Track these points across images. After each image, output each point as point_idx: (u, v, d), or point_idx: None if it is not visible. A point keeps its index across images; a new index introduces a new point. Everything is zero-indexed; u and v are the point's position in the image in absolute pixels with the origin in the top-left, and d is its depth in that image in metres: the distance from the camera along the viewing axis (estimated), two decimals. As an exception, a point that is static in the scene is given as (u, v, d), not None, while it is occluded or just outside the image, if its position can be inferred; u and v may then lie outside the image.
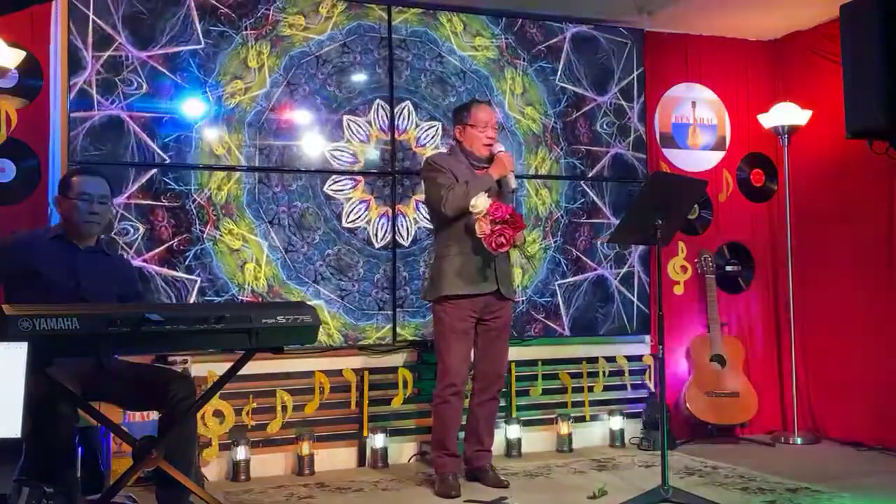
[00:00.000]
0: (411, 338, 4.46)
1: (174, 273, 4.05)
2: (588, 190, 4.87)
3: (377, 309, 4.40)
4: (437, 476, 3.83)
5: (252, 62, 4.24)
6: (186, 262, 4.07)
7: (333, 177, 4.37)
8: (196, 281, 4.08)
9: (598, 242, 4.86)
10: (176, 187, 4.08)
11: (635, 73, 5.00)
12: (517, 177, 4.11)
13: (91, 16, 3.96)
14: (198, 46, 4.14)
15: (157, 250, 4.03)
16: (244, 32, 4.24)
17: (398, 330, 4.44)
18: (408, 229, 4.50)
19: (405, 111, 4.53)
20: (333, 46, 4.41)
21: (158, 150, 4.07)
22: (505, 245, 3.65)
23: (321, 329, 4.19)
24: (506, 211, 3.65)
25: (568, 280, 4.78)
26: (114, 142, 3.99)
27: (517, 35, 4.78)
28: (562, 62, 4.85)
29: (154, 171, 4.04)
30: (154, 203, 4.04)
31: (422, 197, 4.30)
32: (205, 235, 4.11)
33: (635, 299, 4.91)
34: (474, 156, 3.87)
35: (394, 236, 4.46)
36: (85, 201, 3.11)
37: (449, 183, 3.77)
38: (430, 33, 4.60)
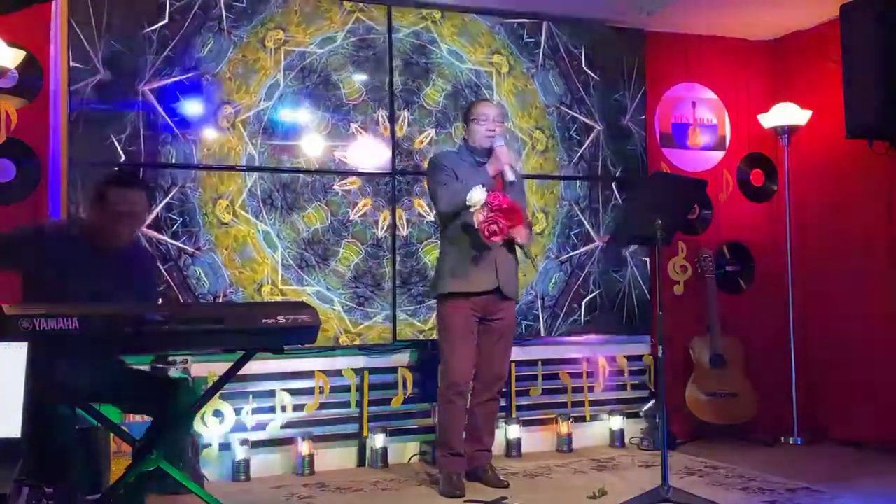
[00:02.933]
0: (432, 334, 4.44)
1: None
2: (584, 221, 4.85)
3: (381, 309, 4.41)
4: (441, 476, 3.83)
5: (269, 42, 4.26)
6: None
7: (334, 177, 4.37)
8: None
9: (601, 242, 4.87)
10: (181, 223, 4.08)
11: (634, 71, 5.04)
12: (527, 177, 4.11)
13: (71, 63, 3.95)
14: (182, 77, 4.13)
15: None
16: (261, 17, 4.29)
17: (418, 325, 4.45)
18: (403, 228, 4.50)
19: (405, 111, 4.53)
20: (334, 47, 4.41)
21: (164, 114, 4.08)
22: (498, 233, 3.61)
23: (343, 333, 4.26)
24: (503, 201, 3.64)
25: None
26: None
27: (516, 36, 4.78)
28: (561, 62, 4.87)
29: (157, 209, 4.03)
30: (166, 240, 4.05)
31: (421, 197, 4.33)
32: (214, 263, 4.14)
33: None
34: (478, 151, 3.87)
35: (394, 236, 4.46)
36: (119, 219, 2.95)
37: (447, 181, 3.78)
38: (430, 35, 4.60)
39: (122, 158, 3.99)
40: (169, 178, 4.07)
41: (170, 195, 4.07)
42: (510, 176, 3.81)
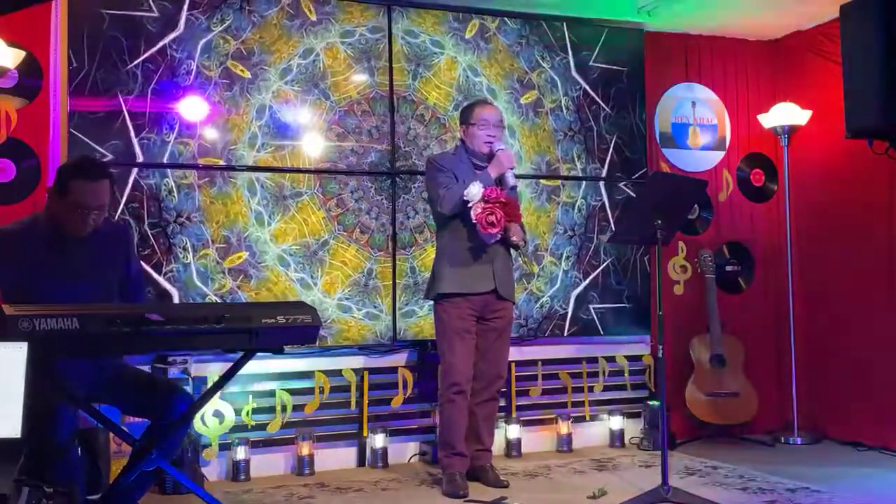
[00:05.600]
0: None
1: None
2: (578, 240, 4.86)
3: (382, 309, 4.41)
4: (444, 475, 3.82)
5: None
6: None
7: (334, 177, 4.37)
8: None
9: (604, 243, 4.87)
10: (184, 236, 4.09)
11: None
12: (519, 176, 4.12)
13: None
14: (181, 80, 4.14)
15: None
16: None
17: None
18: (403, 227, 4.51)
19: (406, 111, 4.53)
20: (334, 45, 4.41)
21: (163, 115, 4.08)
22: (496, 224, 3.63)
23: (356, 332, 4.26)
24: (500, 194, 3.66)
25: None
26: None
27: (517, 36, 4.79)
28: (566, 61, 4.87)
29: (158, 230, 4.04)
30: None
31: (419, 201, 4.33)
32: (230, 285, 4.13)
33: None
34: (476, 154, 3.88)
35: (394, 236, 4.46)
36: (82, 211, 2.87)
37: (447, 182, 3.78)
38: (431, 36, 4.60)
39: (116, 158, 3.99)
40: (173, 212, 4.06)
41: (175, 222, 4.07)
42: (512, 181, 3.82)
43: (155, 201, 4.04)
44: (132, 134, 4.02)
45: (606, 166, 4.93)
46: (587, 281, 4.84)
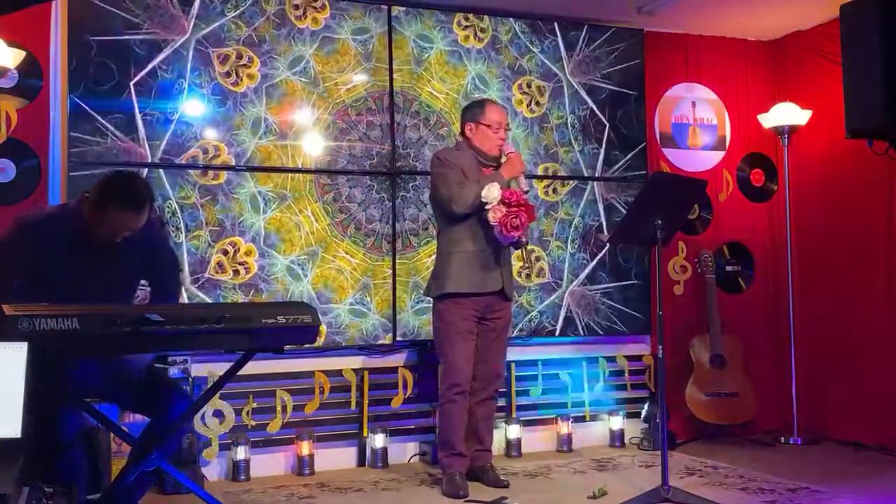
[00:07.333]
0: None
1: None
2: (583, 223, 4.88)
3: (370, 307, 4.41)
4: (444, 476, 3.82)
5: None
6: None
7: (333, 177, 4.37)
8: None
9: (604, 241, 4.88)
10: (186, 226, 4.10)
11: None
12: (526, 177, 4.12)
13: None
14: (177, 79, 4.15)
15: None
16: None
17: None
18: (403, 227, 4.51)
19: (406, 110, 4.53)
20: (334, 43, 4.41)
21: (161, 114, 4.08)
22: (519, 228, 3.63)
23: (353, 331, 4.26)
24: (520, 197, 3.66)
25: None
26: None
27: (516, 36, 4.79)
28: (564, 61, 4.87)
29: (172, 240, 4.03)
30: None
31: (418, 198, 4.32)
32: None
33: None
34: (483, 154, 3.86)
35: (394, 235, 4.46)
36: (114, 233, 2.82)
37: (459, 180, 3.75)
38: (431, 34, 4.60)
39: (119, 158, 3.99)
40: (182, 230, 4.06)
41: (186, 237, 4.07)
42: (525, 185, 3.81)
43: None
44: (136, 108, 4.03)
45: (604, 145, 4.91)
46: (594, 261, 4.85)
